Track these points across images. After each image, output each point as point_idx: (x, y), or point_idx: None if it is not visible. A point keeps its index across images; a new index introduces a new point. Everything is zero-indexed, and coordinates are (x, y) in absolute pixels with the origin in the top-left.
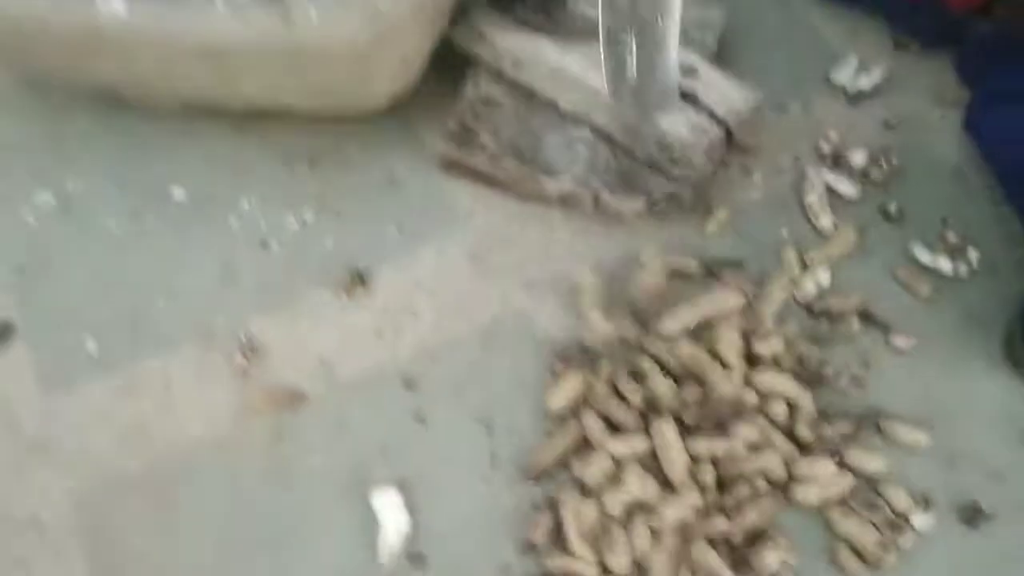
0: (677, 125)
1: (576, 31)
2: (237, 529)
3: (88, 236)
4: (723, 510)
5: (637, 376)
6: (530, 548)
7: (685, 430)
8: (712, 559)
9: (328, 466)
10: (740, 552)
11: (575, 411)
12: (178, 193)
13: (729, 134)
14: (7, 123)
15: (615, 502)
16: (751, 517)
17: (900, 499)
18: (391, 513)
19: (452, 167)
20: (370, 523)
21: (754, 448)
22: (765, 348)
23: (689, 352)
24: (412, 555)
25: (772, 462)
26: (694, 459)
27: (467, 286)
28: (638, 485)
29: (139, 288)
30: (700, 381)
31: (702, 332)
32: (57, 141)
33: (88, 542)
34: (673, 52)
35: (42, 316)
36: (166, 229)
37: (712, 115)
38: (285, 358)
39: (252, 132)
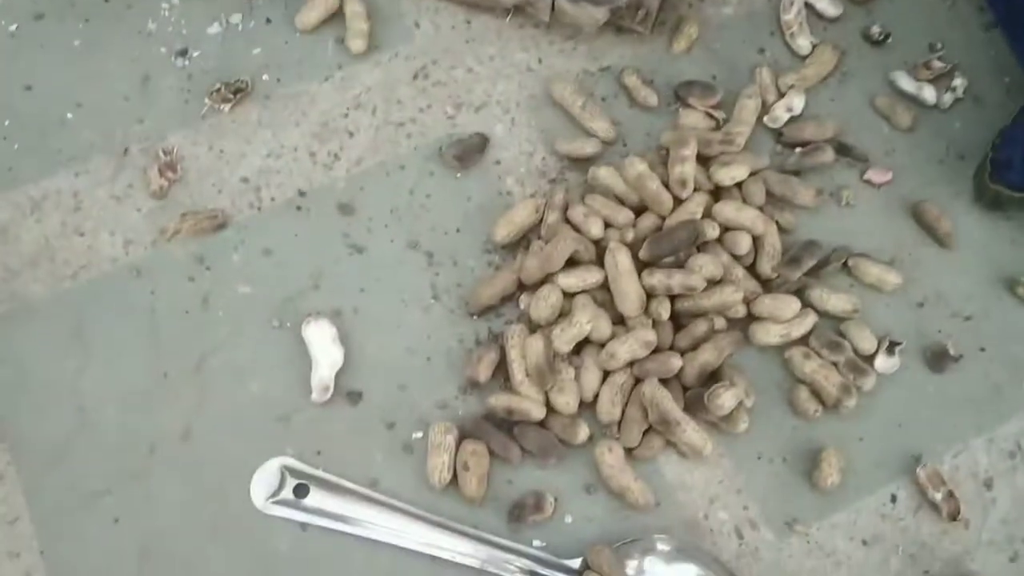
0: None
1: None
2: (157, 360)
3: None
4: (677, 348)
5: (591, 204)
6: (472, 385)
7: (641, 264)
8: (664, 399)
9: (256, 296)
10: (694, 392)
11: (525, 243)
12: None
13: None
14: None
15: (564, 338)
16: (707, 356)
17: (864, 340)
18: (324, 347)
19: None
20: (302, 357)
21: (713, 283)
22: (727, 176)
23: (639, 174)
24: (347, 392)
25: (731, 297)
26: (649, 293)
27: (410, 104)
28: (588, 320)
29: (43, 96)
30: (657, 210)
31: (662, 160)
32: None
33: None
34: None
35: None
36: (74, 30)
37: None
38: (207, 177)
39: None
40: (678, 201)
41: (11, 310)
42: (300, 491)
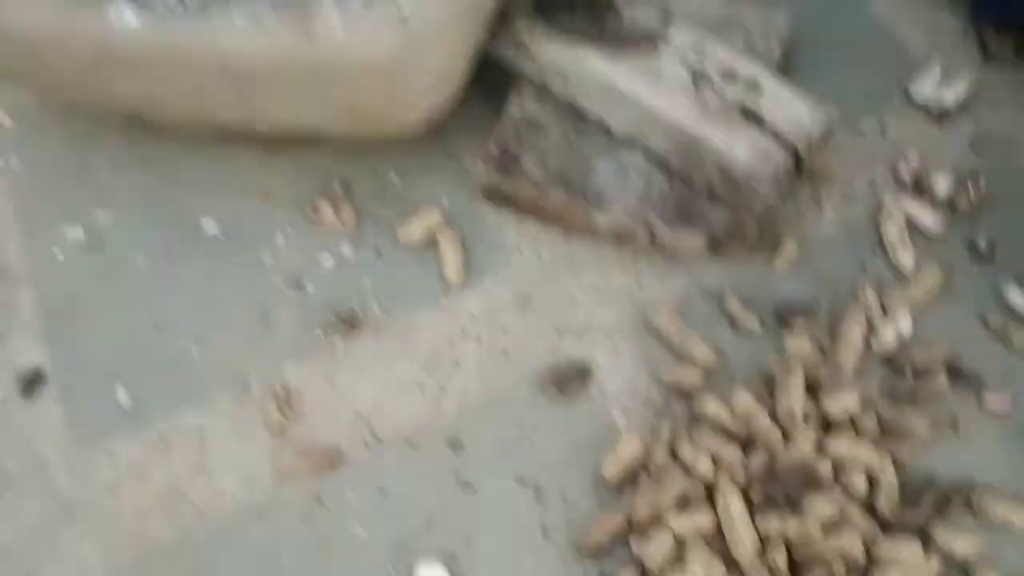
0: (739, 149)
1: (628, 40)
2: None
3: (119, 275)
4: None
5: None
6: None
7: (753, 505)
8: None
9: (370, 536)
10: None
11: (633, 479)
12: (209, 226)
13: (798, 159)
14: (33, 150)
15: None
16: None
17: None
18: None
19: (495, 196)
20: None
21: (830, 526)
22: (838, 407)
23: (745, 410)
24: None
25: (850, 542)
26: (763, 538)
27: (514, 331)
28: (703, 567)
29: (171, 333)
30: (767, 447)
31: (768, 389)
32: (85, 170)
33: None
34: None
35: (73, 363)
36: (198, 267)
37: (778, 137)
38: (322, 413)
39: (284, 158)
40: (787, 434)
41: (139, 554)
42: None
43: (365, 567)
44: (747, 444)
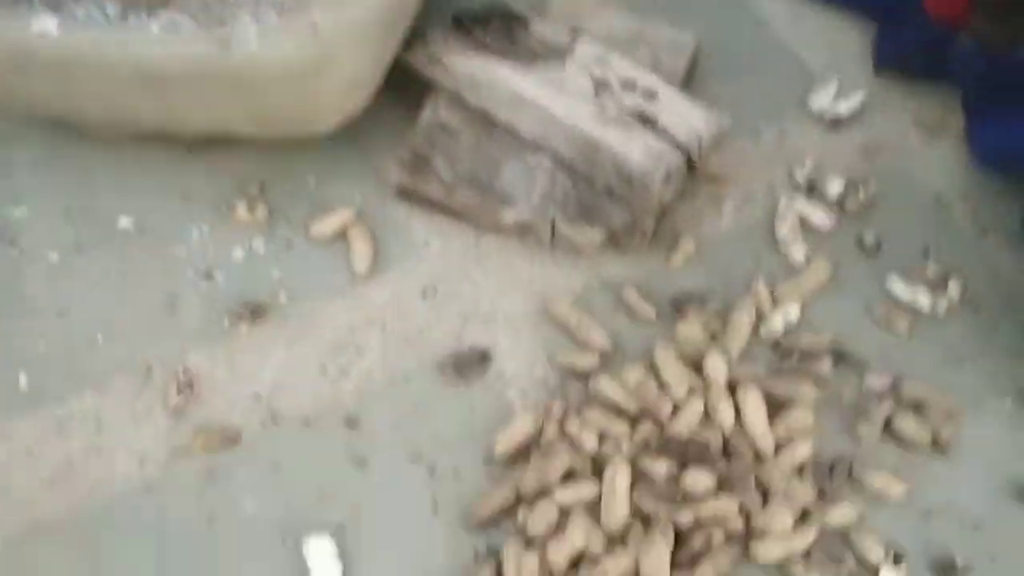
0: (634, 151)
1: (538, 53)
2: None
3: (30, 269)
4: (676, 564)
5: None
6: None
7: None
8: None
9: (261, 512)
10: None
11: (525, 455)
12: (125, 223)
13: (691, 160)
14: None
15: (559, 554)
16: (706, 573)
17: (870, 551)
18: (323, 564)
19: (407, 196)
20: (303, 574)
21: (711, 495)
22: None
23: (636, 382)
24: None
25: (730, 511)
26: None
27: (419, 320)
28: (582, 534)
29: (77, 320)
30: (655, 419)
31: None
32: (5, 169)
33: None
34: None
35: None
36: (110, 261)
37: (672, 140)
38: (223, 395)
39: (202, 159)
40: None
41: (28, 529)
42: None
43: (254, 541)
44: (636, 420)
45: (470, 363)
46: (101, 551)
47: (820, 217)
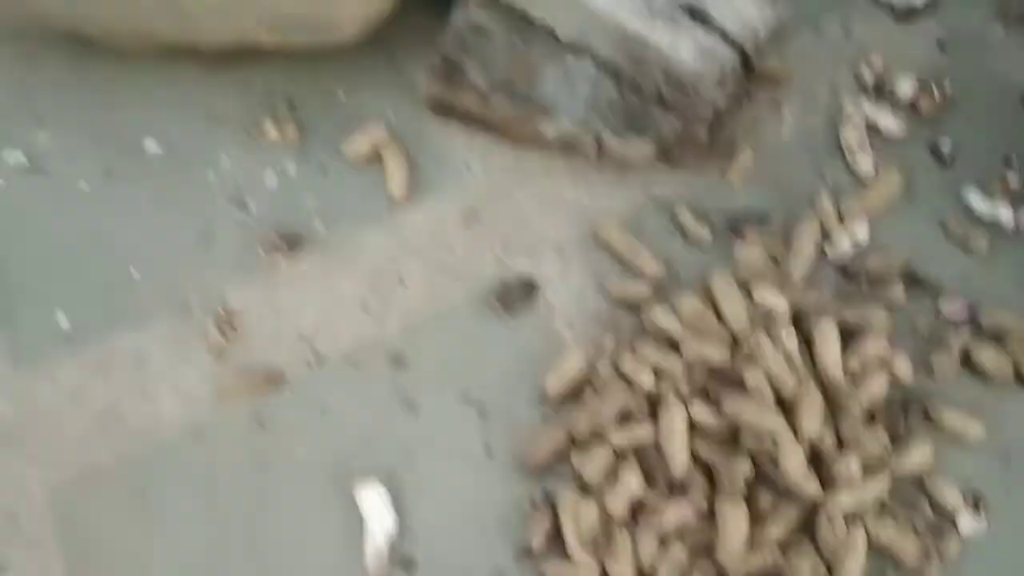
0: (683, 50)
1: None
2: (215, 525)
3: (60, 198)
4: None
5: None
6: (527, 553)
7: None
8: None
9: (310, 457)
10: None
11: (577, 394)
12: (152, 146)
13: (747, 59)
14: None
15: (616, 502)
16: (775, 530)
17: (946, 496)
18: (376, 511)
19: (440, 108)
20: (356, 520)
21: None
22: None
23: (693, 313)
24: (401, 558)
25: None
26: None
27: (461, 248)
28: (637, 480)
29: (113, 256)
30: (714, 348)
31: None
32: (25, 93)
33: (64, 536)
34: None
35: (12, 288)
36: (141, 188)
37: (725, 36)
38: (263, 333)
39: (228, 77)
40: (735, 340)
41: (79, 475)
42: None
43: (304, 487)
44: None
45: (516, 294)
46: (153, 496)
47: (889, 122)
